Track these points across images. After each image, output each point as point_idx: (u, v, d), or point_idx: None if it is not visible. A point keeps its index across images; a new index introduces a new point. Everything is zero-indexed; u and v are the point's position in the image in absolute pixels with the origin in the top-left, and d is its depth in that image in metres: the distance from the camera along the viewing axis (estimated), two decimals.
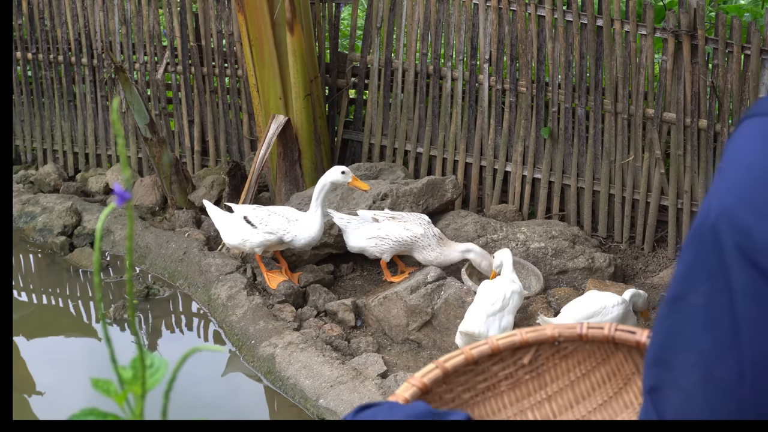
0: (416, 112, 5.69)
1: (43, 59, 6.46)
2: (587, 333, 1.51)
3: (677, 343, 0.93)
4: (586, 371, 1.56)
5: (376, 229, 4.68)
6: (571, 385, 1.56)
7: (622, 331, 1.51)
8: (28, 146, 6.72)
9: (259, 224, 4.69)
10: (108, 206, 0.89)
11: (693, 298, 0.91)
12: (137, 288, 5.01)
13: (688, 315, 0.92)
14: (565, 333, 1.52)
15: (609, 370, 1.56)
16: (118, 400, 0.92)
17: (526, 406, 1.56)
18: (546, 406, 1.56)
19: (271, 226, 4.67)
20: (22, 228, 5.78)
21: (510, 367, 1.54)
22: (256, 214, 4.73)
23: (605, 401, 1.56)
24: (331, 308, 4.65)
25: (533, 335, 1.51)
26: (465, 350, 1.48)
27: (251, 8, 5.27)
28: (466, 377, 1.50)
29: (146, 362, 0.93)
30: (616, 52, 5.08)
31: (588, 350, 1.56)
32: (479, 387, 1.52)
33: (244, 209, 4.80)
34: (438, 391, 1.48)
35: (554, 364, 1.56)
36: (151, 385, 0.92)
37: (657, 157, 5.13)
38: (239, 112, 6.16)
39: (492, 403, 1.54)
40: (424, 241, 4.63)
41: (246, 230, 4.73)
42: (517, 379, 1.55)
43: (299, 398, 4.01)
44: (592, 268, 4.90)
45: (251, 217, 4.73)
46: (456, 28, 5.48)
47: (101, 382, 0.94)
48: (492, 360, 1.52)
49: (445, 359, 1.47)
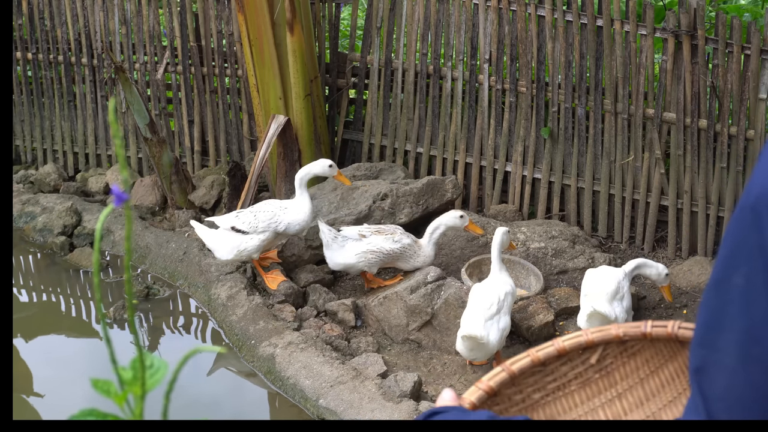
0: (416, 112, 5.69)
1: (43, 59, 6.46)
2: (651, 332, 1.51)
3: (721, 323, 0.96)
4: (654, 369, 1.57)
5: (365, 244, 4.61)
6: (640, 383, 1.58)
7: (685, 329, 1.52)
8: (28, 146, 6.72)
9: (249, 228, 4.64)
10: (108, 206, 0.89)
11: (735, 279, 0.94)
12: (137, 288, 5.01)
13: (730, 296, 0.95)
14: (630, 332, 1.53)
15: (677, 367, 1.58)
16: (118, 401, 0.92)
17: (596, 404, 1.57)
18: (616, 404, 1.57)
19: (262, 224, 4.63)
20: (22, 228, 5.79)
21: (579, 366, 1.56)
22: (242, 221, 4.65)
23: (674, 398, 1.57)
24: (331, 308, 4.65)
25: (599, 335, 1.53)
26: (531, 352, 1.51)
27: (251, 8, 5.27)
28: (535, 378, 1.52)
29: (146, 363, 0.93)
30: (616, 52, 5.08)
31: (654, 348, 1.57)
32: (549, 387, 1.54)
33: (228, 220, 4.71)
34: (507, 393, 1.50)
35: (622, 363, 1.57)
36: (151, 385, 0.93)
37: (657, 157, 5.13)
38: (239, 112, 6.16)
39: (562, 402, 1.56)
40: (410, 250, 4.65)
41: (237, 239, 4.66)
42: (586, 378, 1.57)
43: (299, 398, 4.01)
44: (592, 268, 4.90)
45: (239, 224, 4.65)
46: (456, 28, 5.48)
47: (101, 383, 0.94)
48: (560, 361, 1.54)
49: (511, 362, 1.49)
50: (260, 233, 4.62)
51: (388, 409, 3.74)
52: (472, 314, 4.05)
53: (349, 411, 3.80)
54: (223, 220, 4.74)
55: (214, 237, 4.73)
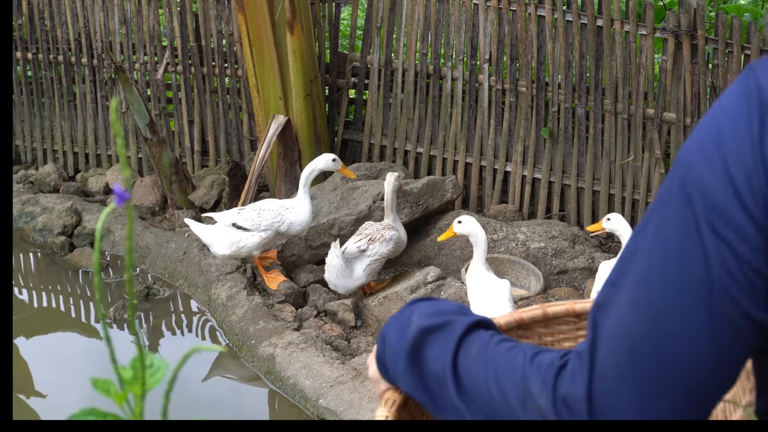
0: (416, 112, 5.69)
1: (43, 59, 6.46)
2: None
3: (627, 267, 1.02)
4: None
5: (368, 258, 4.57)
6: None
7: None
8: (28, 146, 6.72)
9: (251, 225, 4.62)
10: (108, 206, 0.89)
11: (648, 227, 1.01)
12: (137, 288, 5.01)
13: (640, 242, 1.02)
14: None
15: None
16: (118, 400, 0.92)
17: None
18: None
19: (265, 222, 4.60)
20: (22, 228, 5.79)
21: None
22: (245, 217, 4.62)
23: None
24: (331, 308, 4.65)
25: None
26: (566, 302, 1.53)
27: (251, 8, 5.27)
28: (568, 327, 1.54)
29: (146, 362, 0.93)
30: (616, 52, 5.08)
31: None
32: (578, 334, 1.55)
33: (228, 216, 4.68)
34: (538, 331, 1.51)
35: None
36: (151, 385, 0.92)
37: (657, 157, 5.14)
38: (239, 112, 6.16)
39: None
40: (396, 236, 4.66)
41: (237, 235, 4.63)
42: None
43: (299, 398, 4.01)
44: (592, 268, 4.90)
45: (240, 221, 4.61)
46: (456, 28, 5.48)
47: (101, 382, 0.94)
48: None
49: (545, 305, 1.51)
50: (262, 231, 4.61)
51: None
52: (492, 305, 3.92)
53: (349, 411, 3.80)
54: (224, 216, 4.71)
55: (211, 232, 4.69)
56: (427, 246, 5.11)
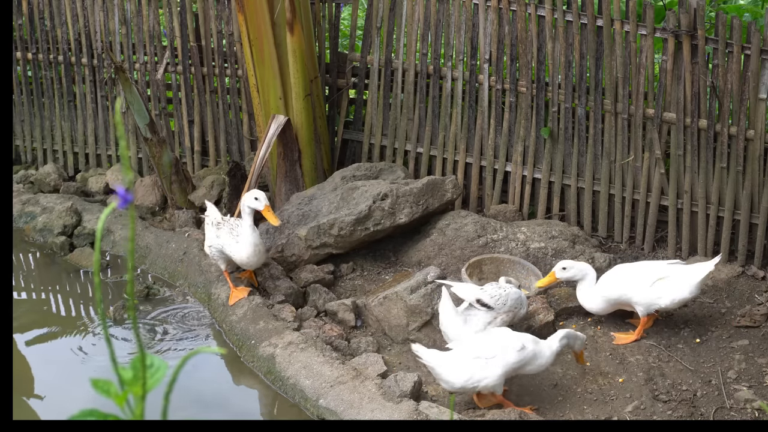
0: (416, 112, 5.69)
1: (43, 59, 6.46)
2: None
3: None
4: None
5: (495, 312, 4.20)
6: None
7: None
8: (28, 146, 6.72)
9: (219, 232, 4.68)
10: (108, 206, 0.89)
11: None
12: (137, 288, 5.01)
13: None
14: None
15: None
16: (119, 401, 0.92)
17: None
18: None
19: (222, 239, 4.62)
20: (22, 228, 5.78)
21: None
22: (223, 223, 4.69)
23: None
24: (331, 308, 4.65)
25: None
26: None
27: (251, 8, 5.27)
28: None
29: (146, 363, 0.93)
30: (616, 52, 5.08)
31: None
32: None
33: (214, 215, 4.77)
34: None
35: None
36: (151, 385, 0.93)
37: (657, 157, 5.13)
38: (239, 112, 6.16)
39: None
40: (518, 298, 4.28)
41: (210, 235, 4.71)
42: None
43: (299, 398, 4.01)
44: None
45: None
46: (456, 28, 5.48)
47: (101, 383, 0.94)
48: None
49: None
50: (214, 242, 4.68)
51: (388, 409, 3.74)
52: None
53: (349, 411, 3.80)
54: (211, 214, 4.75)
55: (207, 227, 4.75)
56: (427, 246, 5.11)
